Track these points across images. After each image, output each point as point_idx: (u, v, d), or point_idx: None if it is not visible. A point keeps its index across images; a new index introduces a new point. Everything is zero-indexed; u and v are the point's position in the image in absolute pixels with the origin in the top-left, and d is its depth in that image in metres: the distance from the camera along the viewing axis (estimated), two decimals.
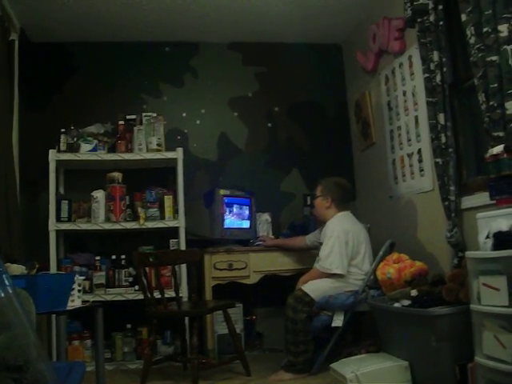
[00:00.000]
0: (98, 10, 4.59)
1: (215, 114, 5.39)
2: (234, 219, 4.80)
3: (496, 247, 2.51)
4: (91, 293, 4.39)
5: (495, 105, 2.94)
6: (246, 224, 4.92)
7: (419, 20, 3.76)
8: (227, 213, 4.73)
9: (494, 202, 2.83)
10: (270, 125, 5.47)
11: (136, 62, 5.30)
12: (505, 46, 2.88)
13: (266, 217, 5.03)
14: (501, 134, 2.91)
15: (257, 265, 4.61)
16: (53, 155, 4.43)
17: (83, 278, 3.83)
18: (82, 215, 4.57)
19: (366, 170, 5.22)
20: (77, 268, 4.46)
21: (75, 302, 2.95)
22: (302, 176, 5.41)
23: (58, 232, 4.42)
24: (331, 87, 5.63)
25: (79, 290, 2.98)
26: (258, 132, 5.43)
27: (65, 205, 4.50)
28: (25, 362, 1.59)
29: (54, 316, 3.70)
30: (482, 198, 3.21)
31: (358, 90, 5.27)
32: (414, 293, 3.27)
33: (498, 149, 2.77)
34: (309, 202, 4.98)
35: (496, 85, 2.93)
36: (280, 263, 4.66)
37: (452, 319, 2.94)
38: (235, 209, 4.83)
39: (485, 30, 2.98)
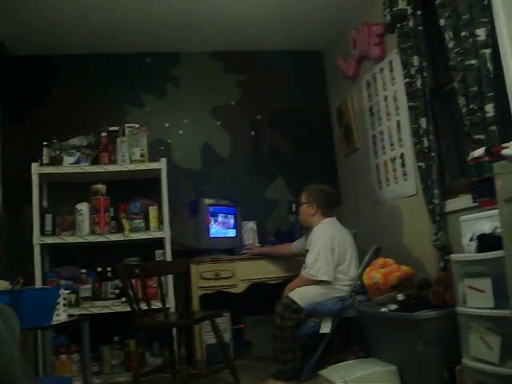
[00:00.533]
0: (77, 21, 4.57)
1: (198, 124, 5.39)
2: (220, 228, 4.79)
3: (480, 249, 2.53)
4: (78, 306, 4.35)
5: (475, 108, 2.97)
6: (232, 233, 4.91)
7: (399, 25, 3.80)
8: (212, 222, 4.72)
9: (476, 204, 2.85)
10: (253, 133, 5.47)
11: (118, 74, 5.28)
12: (483, 50, 2.93)
13: (251, 225, 5.03)
14: (482, 136, 2.94)
15: (243, 273, 4.60)
16: (35, 168, 4.40)
17: (68, 291, 3.79)
18: (66, 228, 4.53)
19: (351, 175, 5.24)
20: (62, 281, 4.42)
21: (61, 316, 2.92)
22: (287, 183, 5.41)
23: (42, 246, 4.37)
24: (313, 94, 5.65)
25: (64, 304, 2.96)
26: (241, 140, 5.43)
27: (49, 218, 4.47)
28: (9, 379, 1.58)
29: (39, 331, 3.67)
30: (466, 200, 3.23)
31: (340, 96, 5.29)
32: (400, 297, 3.28)
33: (480, 151, 2.79)
34: (294, 209, 4.99)
35: (476, 88, 2.97)
36: (267, 271, 4.65)
37: (439, 322, 2.95)
38: (220, 218, 4.82)
39: (463, 34, 3.03)
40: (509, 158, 2.22)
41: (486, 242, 2.50)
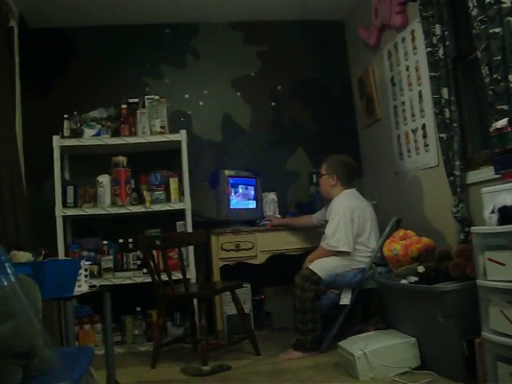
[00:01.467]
0: None
1: (218, 95, 5.37)
2: (240, 200, 4.80)
3: (501, 222, 2.50)
4: (100, 277, 4.41)
5: (499, 78, 2.90)
6: (252, 204, 4.92)
7: None
8: (233, 193, 4.73)
9: (499, 176, 2.81)
10: (273, 104, 5.44)
11: (137, 45, 5.26)
12: (508, 18, 2.84)
13: (272, 196, 5.02)
14: (505, 107, 2.88)
15: (264, 245, 4.62)
16: (57, 141, 4.43)
17: (90, 262, 3.84)
18: (87, 200, 4.57)
19: (371, 146, 5.20)
20: (85, 253, 4.49)
21: (82, 287, 2.95)
22: (307, 154, 5.38)
23: (64, 218, 4.43)
24: (334, 64, 5.59)
25: (86, 275, 2.99)
26: (261, 112, 5.40)
27: (70, 190, 4.51)
28: (31, 348, 1.61)
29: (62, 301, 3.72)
30: (487, 172, 3.19)
31: (361, 66, 5.22)
32: (420, 269, 3.27)
33: (503, 122, 2.74)
34: (315, 181, 4.97)
35: (499, 57, 2.90)
36: (287, 242, 4.66)
37: (459, 295, 2.94)
38: (241, 189, 4.82)
39: (487, 1, 2.94)
40: None
41: (508, 214, 2.47)
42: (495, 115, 2.93)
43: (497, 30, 2.90)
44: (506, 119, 2.74)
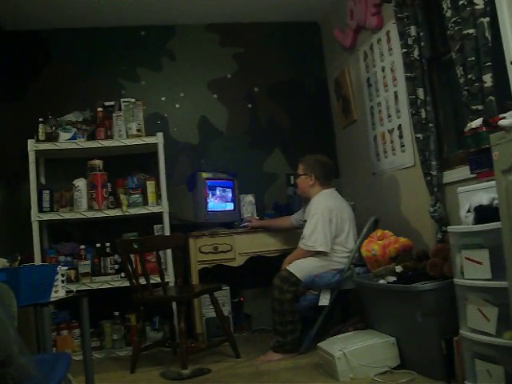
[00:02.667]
0: None
1: (195, 97, 5.36)
2: (218, 202, 4.79)
3: (477, 221, 2.52)
4: (77, 282, 4.36)
5: (473, 78, 2.94)
6: (230, 206, 4.91)
7: None
8: (210, 196, 4.71)
9: (474, 175, 2.84)
10: (250, 105, 5.44)
11: (112, 48, 5.23)
12: (481, 19, 2.88)
13: (249, 198, 5.01)
14: (479, 107, 2.92)
15: (242, 247, 4.61)
16: (32, 145, 4.38)
17: (67, 267, 3.79)
18: (64, 204, 4.53)
19: (349, 147, 5.22)
20: (62, 258, 4.45)
21: (59, 292, 2.91)
22: (285, 156, 5.39)
23: (40, 222, 4.38)
24: (310, 65, 5.60)
25: (63, 281, 2.95)
26: (238, 113, 5.40)
27: (46, 195, 4.47)
28: (6, 356, 1.58)
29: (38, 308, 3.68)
30: (463, 172, 3.22)
31: (338, 67, 5.24)
32: (398, 269, 3.29)
33: (477, 122, 2.76)
34: (292, 182, 4.97)
35: (473, 58, 2.93)
36: (265, 244, 4.66)
37: (436, 294, 2.96)
38: (218, 191, 4.81)
39: (461, 2, 2.98)
40: (506, 128, 2.19)
41: (484, 213, 2.49)
42: (470, 115, 2.96)
43: (470, 31, 2.93)
44: (480, 119, 2.76)
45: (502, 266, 2.25)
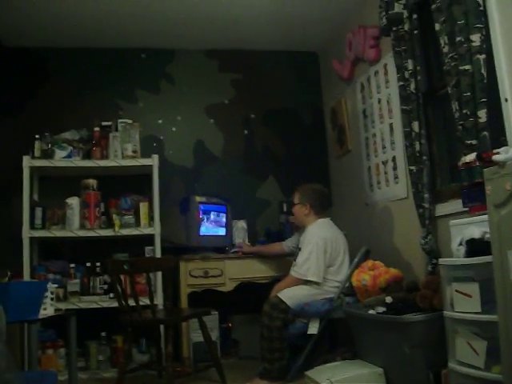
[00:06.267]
0: (73, 15, 4.55)
1: (191, 121, 5.39)
2: (210, 226, 4.79)
3: (469, 254, 2.54)
4: (65, 301, 4.34)
5: (468, 113, 2.98)
6: (222, 231, 4.91)
7: (394, 29, 3.80)
8: (203, 220, 4.71)
9: (467, 209, 2.86)
10: (246, 132, 5.47)
11: (112, 68, 5.26)
12: (477, 56, 2.93)
13: (242, 224, 5.02)
14: (473, 142, 2.95)
15: (232, 272, 4.60)
16: (27, 161, 4.38)
17: (56, 285, 3.77)
18: (56, 222, 4.51)
19: (342, 177, 5.24)
20: (51, 275, 4.41)
21: (48, 310, 2.90)
22: (278, 183, 5.41)
23: (31, 239, 4.36)
24: (307, 94, 5.66)
25: (52, 298, 2.94)
26: (234, 139, 5.43)
27: (39, 212, 4.45)
28: None
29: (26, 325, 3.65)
30: (456, 205, 3.24)
31: (334, 97, 5.29)
32: (388, 299, 3.29)
33: (471, 157, 2.80)
34: (285, 209, 4.98)
35: (469, 93, 2.97)
36: (256, 270, 4.65)
37: (426, 326, 2.96)
38: (211, 216, 4.81)
39: (458, 39, 3.03)
40: (499, 163, 2.22)
41: (475, 246, 2.51)
42: (464, 150, 2.99)
43: (467, 67, 2.98)
44: (474, 154, 2.79)
45: (491, 300, 2.27)
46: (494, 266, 2.22)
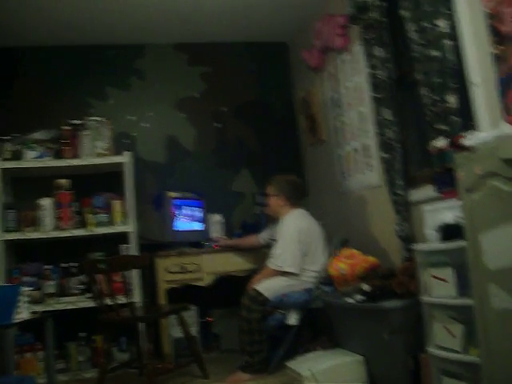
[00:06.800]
0: (40, 13, 4.48)
1: (163, 117, 5.35)
2: (185, 221, 4.76)
3: (443, 239, 2.55)
4: (42, 303, 4.28)
5: (438, 98, 2.99)
6: (198, 226, 4.89)
7: (362, 17, 3.79)
8: (178, 215, 4.68)
9: (439, 194, 2.88)
10: (218, 125, 5.45)
11: (81, 66, 5.20)
12: (445, 41, 2.94)
13: (217, 218, 5.01)
14: (444, 127, 2.96)
15: (210, 266, 4.59)
16: None
17: (32, 288, 3.73)
18: (29, 224, 4.44)
19: (316, 166, 5.25)
20: (26, 278, 4.35)
21: (23, 314, 2.86)
22: (252, 175, 5.41)
23: (5, 242, 4.30)
24: (278, 85, 5.65)
25: (26, 302, 2.90)
26: (206, 133, 5.41)
27: (11, 214, 4.39)
28: None
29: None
30: (429, 191, 3.25)
31: (305, 87, 5.30)
32: (366, 287, 3.29)
33: (442, 142, 2.81)
34: (259, 201, 4.98)
35: (438, 79, 2.98)
36: (233, 264, 4.64)
37: (403, 312, 2.98)
38: (186, 211, 4.79)
39: (425, 25, 3.03)
40: (469, 148, 2.24)
41: (449, 231, 2.53)
42: (434, 135, 3.00)
43: (435, 53, 2.99)
44: (445, 139, 2.81)
45: (467, 284, 2.28)
46: (468, 250, 2.23)
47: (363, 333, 3.31)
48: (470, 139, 2.30)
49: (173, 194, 4.66)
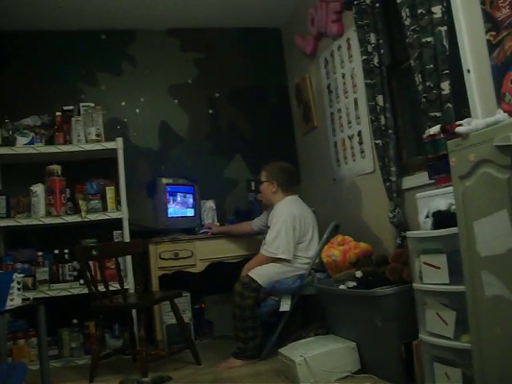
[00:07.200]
0: None
1: (155, 102, 5.32)
2: (178, 208, 4.75)
3: (435, 226, 2.55)
4: (35, 289, 4.28)
5: (431, 85, 2.98)
6: (191, 212, 4.88)
7: (356, 2, 3.78)
8: (171, 202, 4.67)
9: (432, 181, 2.88)
10: (211, 111, 5.43)
11: (72, 51, 5.15)
12: (439, 27, 2.93)
13: (210, 204, 5.00)
14: (437, 114, 2.96)
15: (203, 253, 4.58)
16: None
17: (23, 275, 3.72)
18: (21, 210, 4.42)
19: (309, 153, 5.24)
20: (19, 265, 4.34)
21: (15, 300, 2.86)
22: (246, 161, 5.40)
23: None
24: (272, 72, 5.63)
25: (19, 288, 2.89)
26: (199, 119, 5.39)
27: (2, 200, 4.37)
28: None
29: None
30: (422, 177, 3.26)
31: (299, 73, 5.27)
32: (358, 274, 3.31)
33: (435, 129, 2.81)
34: (253, 188, 4.97)
35: (432, 65, 2.98)
36: (226, 250, 4.64)
37: (396, 298, 2.98)
38: (179, 197, 4.77)
39: (419, 11, 3.02)
40: (463, 135, 2.23)
41: (442, 218, 2.53)
42: (428, 122, 3.00)
43: (429, 39, 2.98)
44: (438, 126, 2.80)
45: (459, 271, 2.29)
46: (460, 237, 2.23)
47: (355, 319, 3.32)
48: (462, 126, 2.28)
49: (165, 181, 4.64)
